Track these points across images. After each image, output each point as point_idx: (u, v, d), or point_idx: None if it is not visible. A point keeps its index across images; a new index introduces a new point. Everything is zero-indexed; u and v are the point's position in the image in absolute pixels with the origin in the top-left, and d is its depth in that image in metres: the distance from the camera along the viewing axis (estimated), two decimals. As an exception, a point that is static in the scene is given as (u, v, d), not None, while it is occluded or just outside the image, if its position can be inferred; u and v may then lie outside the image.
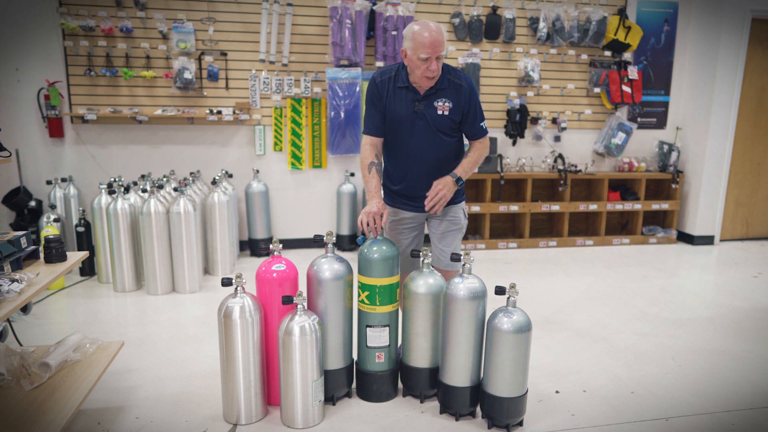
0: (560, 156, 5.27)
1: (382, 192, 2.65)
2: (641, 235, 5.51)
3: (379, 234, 2.38)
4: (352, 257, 4.63)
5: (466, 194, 2.76)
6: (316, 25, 4.70)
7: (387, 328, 2.38)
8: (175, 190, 4.00)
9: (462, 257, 2.26)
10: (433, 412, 2.39)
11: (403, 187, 2.56)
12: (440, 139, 2.46)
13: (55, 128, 4.42)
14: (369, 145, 2.51)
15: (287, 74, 4.73)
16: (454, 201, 2.56)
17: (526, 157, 5.28)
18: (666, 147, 5.51)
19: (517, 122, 5.09)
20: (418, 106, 2.41)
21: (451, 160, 2.53)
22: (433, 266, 2.45)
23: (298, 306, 2.17)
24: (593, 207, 5.33)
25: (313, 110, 4.81)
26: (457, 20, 4.88)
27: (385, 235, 2.66)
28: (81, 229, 4.04)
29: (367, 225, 2.36)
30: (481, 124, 2.49)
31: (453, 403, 2.31)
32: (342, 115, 4.70)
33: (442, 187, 2.42)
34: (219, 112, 4.49)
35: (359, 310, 2.41)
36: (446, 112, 2.42)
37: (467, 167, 2.49)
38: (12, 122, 4.38)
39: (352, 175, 4.94)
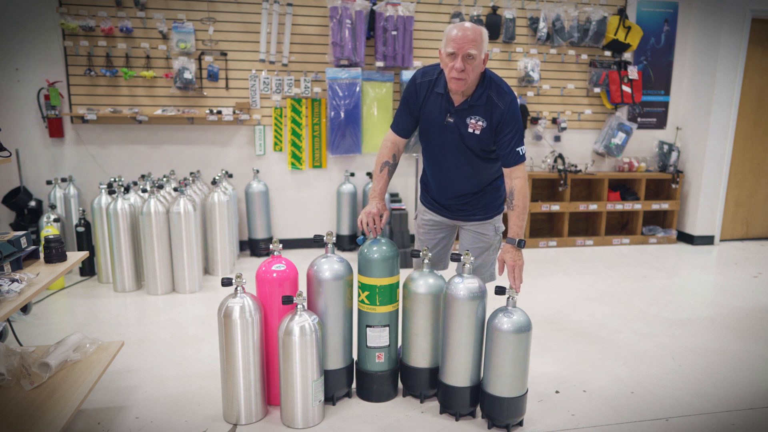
0: (560, 156, 5.28)
1: (420, 189, 2.63)
2: (641, 235, 5.51)
3: (378, 234, 2.38)
4: (352, 257, 4.63)
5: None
6: (316, 25, 4.70)
7: (387, 328, 2.38)
8: (175, 190, 4.00)
9: (462, 257, 2.26)
10: (433, 412, 2.39)
11: (435, 191, 2.52)
12: (470, 157, 2.33)
13: (55, 128, 4.42)
14: (390, 143, 2.43)
15: (287, 74, 4.73)
16: (485, 217, 2.48)
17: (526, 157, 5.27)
18: (666, 147, 5.51)
19: (517, 122, 5.08)
20: (448, 118, 2.28)
21: (481, 178, 2.41)
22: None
23: (298, 306, 2.17)
24: (593, 207, 5.33)
25: (313, 110, 4.81)
26: (456, 20, 4.87)
27: (414, 232, 2.67)
28: (81, 229, 4.04)
29: (367, 225, 2.36)
30: (518, 149, 2.25)
31: (453, 403, 2.31)
32: (342, 115, 4.70)
33: (512, 263, 2.26)
34: (219, 112, 4.49)
35: (359, 310, 2.41)
36: (477, 132, 2.25)
37: (520, 222, 2.26)
38: (12, 122, 4.38)
39: (352, 175, 4.94)
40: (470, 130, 2.27)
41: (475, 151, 2.32)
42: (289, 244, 4.93)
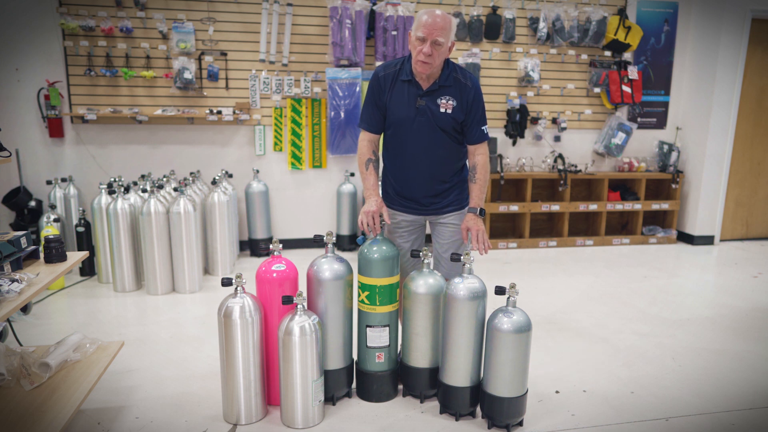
0: (560, 156, 5.27)
1: (381, 192, 2.60)
2: (641, 235, 5.51)
3: (378, 234, 2.37)
4: (352, 257, 4.63)
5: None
6: (316, 25, 4.70)
7: (387, 328, 2.38)
8: (175, 190, 4.00)
9: (462, 257, 2.25)
10: (433, 412, 2.39)
11: (402, 188, 2.48)
12: (442, 139, 2.38)
13: (55, 128, 4.42)
14: (366, 141, 2.47)
15: (287, 74, 4.73)
16: (459, 207, 2.49)
17: (526, 157, 5.28)
18: (666, 147, 5.51)
19: (517, 122, 5.09)
20: (419, 101, 2.34)
21: (453, 163, 2.45)
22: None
23: (298, 306, 2.17)
24: (593, 207, 5.33)
25: (313, 110, 4.81)
26: (457, 20, 4.87)
27: (385, 236, 2.65)
28: (81, 229, 4.04)
29: (367, 225, 2.36)
30: (483, 128, 2.40)
31: (453, 403, 2.31)
32: (342, 115, 4.70)
33: (475, 228, 2.36)
34: (219, 112, 4.49)
35: (359, 310, 2.41)
36: (449, 111, 2.34)
37: (481, 194, 2.42)
38: (12, 122, 4.38)
39: (352, 175, 4.93)
40: (442, 110, 2.34)
41: (448, 131, 2.37)
42: (289, 244, 4.93)
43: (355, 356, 2.52)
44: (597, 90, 5.28)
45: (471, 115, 2.37)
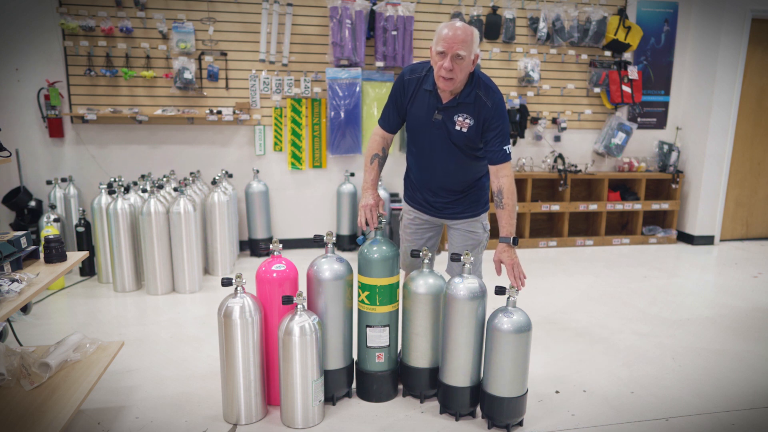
0: (560, 156, 5.28)
1: (404, 187, 2.63)
2: (641, 235, 5.51)
3: (378, 229, 2.37)
4: (352, 257, 4.63)
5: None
6: (316, 25, 4.70)
7: (387, 328, 2.38)
8: (175, 190, 4.00)
9: (462, 257, 2.25)
10: (433, 412, 2.39)
11: (422, 189, 2.50)
12: (456, 154, 2.34)
13: (55, 128, 4.42)
14: (379, 137, 2.45)
15: (287, 74, 4.73)
16: (473, 214, 2.49)
17: (526, 157, 5.28)
18: (666, 147, 5.51)
19: (517, 122, 5.09)
20: (436, 115, 2.29)
21: (466, 176, 2.42)
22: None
23: (298, 306, 2.17)
24: (593, 207, 5.33)
25: (313, 110, 4.81)
26: (456, 21, 4.87)
27: (401, 233, 2.65)
28: (81, 229, 4.04)
29: (367, 223, 2.35)
30: (504, 147, 2.27)
31: (453, 403, 2.31)
32: (342, 115, 4.70)
33: (509, 262, 2.27)
34: (219, 112, 4.49)
35: (359, 310, 2.41)
36: (464, 129, 2.27)
37: (511, 220, 2.30)
38: (12, 122, 4.38)
39: (352, 175, 4.93)
40: (457, 128, 2.28)
41: (462, 149, 2.33)
42: (289, 244, 4.93)
43: (355, 356, 2.52)
44: (597, 90, 5.28)
45: (488, 135, 2.27)
